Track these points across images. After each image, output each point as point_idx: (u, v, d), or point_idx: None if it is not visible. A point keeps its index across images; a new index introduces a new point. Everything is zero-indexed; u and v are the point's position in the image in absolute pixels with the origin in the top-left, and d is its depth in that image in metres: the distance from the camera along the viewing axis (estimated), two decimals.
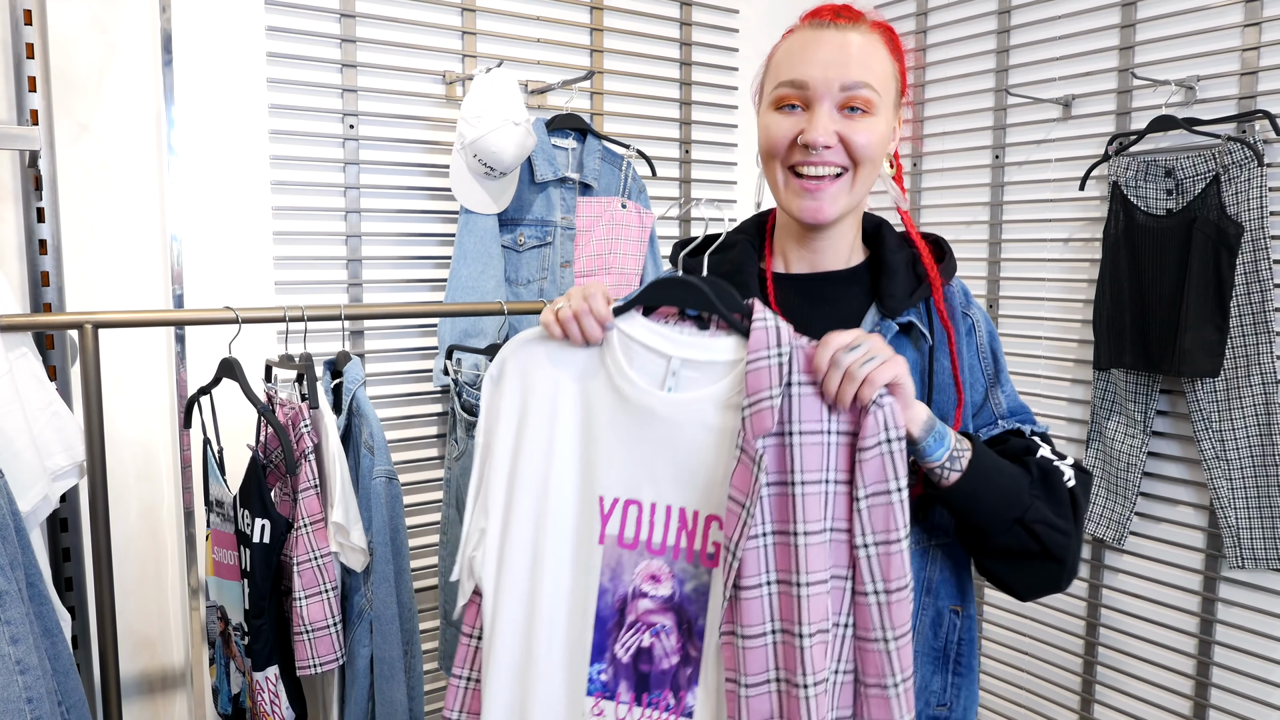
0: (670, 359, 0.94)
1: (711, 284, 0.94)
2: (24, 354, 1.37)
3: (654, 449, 0.93)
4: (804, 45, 0.99)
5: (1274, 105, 2.00)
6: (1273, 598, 2.06)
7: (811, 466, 0.88)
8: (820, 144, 0.96)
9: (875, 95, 0.98)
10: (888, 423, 0.87)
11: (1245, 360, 2.01)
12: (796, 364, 0.89)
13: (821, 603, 0.88)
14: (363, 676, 1.42)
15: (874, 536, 0.88)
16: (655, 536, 0.94)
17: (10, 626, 1.14)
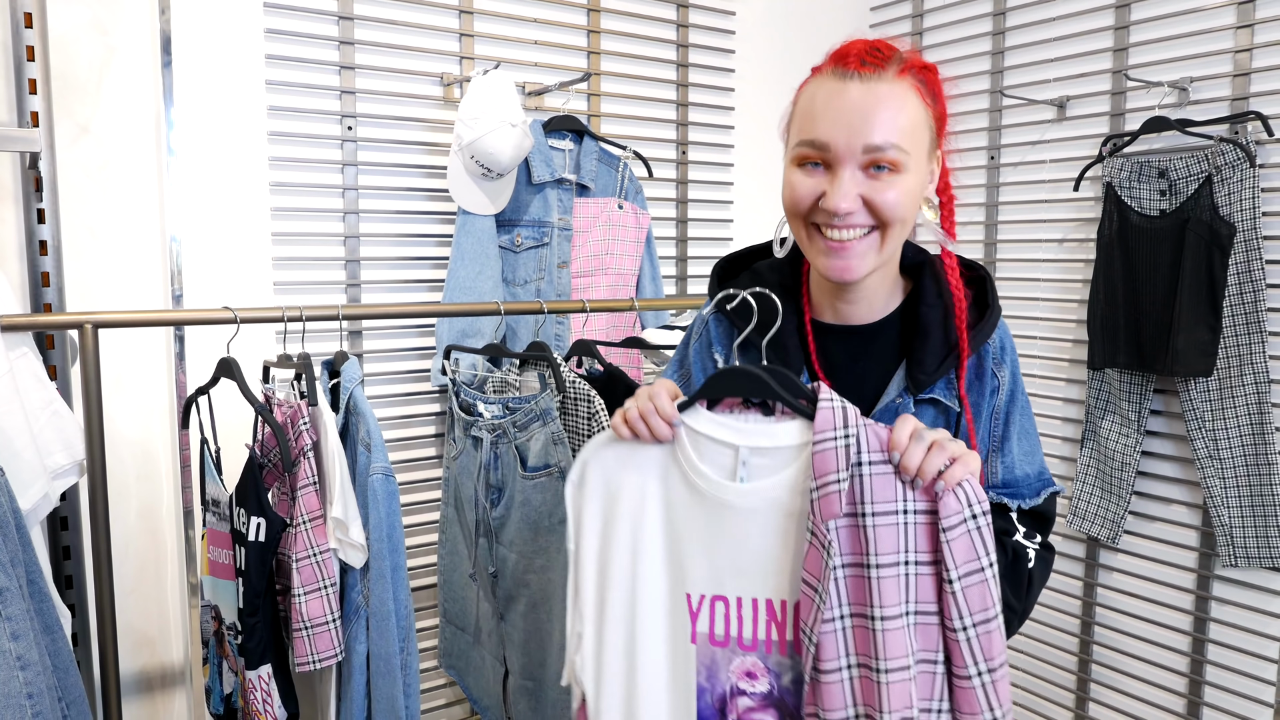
0: (738, 449, 0.93)
1: (772, 371, 0.93)
2: (24, 353, 1.38)
3: (733, 542, 0.93)
4: (827, 100, 0.93)
5: (1266, 106, 2.01)
6: (1265, 595, 2.07)
7: (886, 549, 0.87)
8: (842, 210, 0.93)
9: (903, 154, 0.93)
10: (970, 499, 0.86)
11: (1238, 360, 2.02)
12: (866, 443, 0.88)
13: (903, 690, 0.86)
14: (359, 673, 1.43)
15: (972, 618, 0.86)
16: (745, 632, 0.93)
17: (11, 623, 1.15)
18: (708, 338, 1.12)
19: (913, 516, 0.87)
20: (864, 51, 0.93)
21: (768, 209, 2.68)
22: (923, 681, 0.87)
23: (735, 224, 2.64)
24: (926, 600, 0.87)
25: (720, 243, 2.61)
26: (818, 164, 0.95)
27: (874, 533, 0.87)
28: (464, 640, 1.92)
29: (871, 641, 0.87)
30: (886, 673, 0.86)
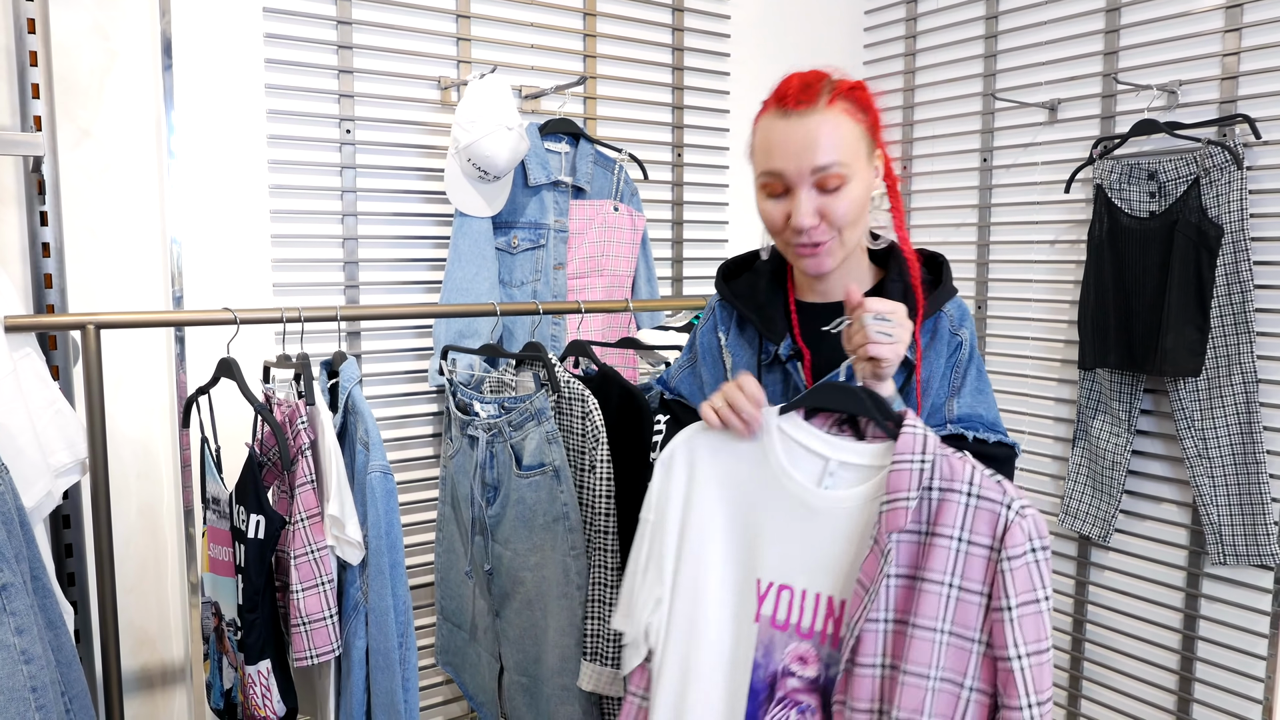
0: (829, 460, 1.03)
1: (868, 393, 1.04)
2: (28, 354, 1.41)
3: (808, 540, 1.02)
4: (773, 137, 1.13)
5: (1254, 109, 2.04)
6: (1254, 593, 2.09)
7: (936, 567, 0.95)
8: (805, 226, 1.11)
9: (844, 168, 1.11)
10: (1033, 533, 0.93)
11: (1226, 360, 2.04)
12: (939, 471, 0.97)
13: (916, 695, 0.93)
14: (358, 667, 1.45)
15: (1027, 647, 0.92)
16: (805, 621, 1.03)
17: (15, 618, 1.17)
18: (713, 321, 1.32)
19: (966, 545, 0.95)
20: (798, 90, 1.12)
21: None
22: (943, 700, 0.94)
23: (730, 225, 2.66)
24: (964, 625, 0.94)
25: (715, 244, 2.63)
26: (780, 192, 1.14)
27: (930, 551, 0.96)
28: (460, 637, 1.94)
29: (904, 646, 0.95)
30: (905, 673, 0.94)
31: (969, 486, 0.96)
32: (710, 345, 1.32)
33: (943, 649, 0.94)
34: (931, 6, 2.70)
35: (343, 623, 1.47)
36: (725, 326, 1.30)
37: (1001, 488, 0.95)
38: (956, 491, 0.96)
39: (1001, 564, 0.92)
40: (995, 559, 0.93)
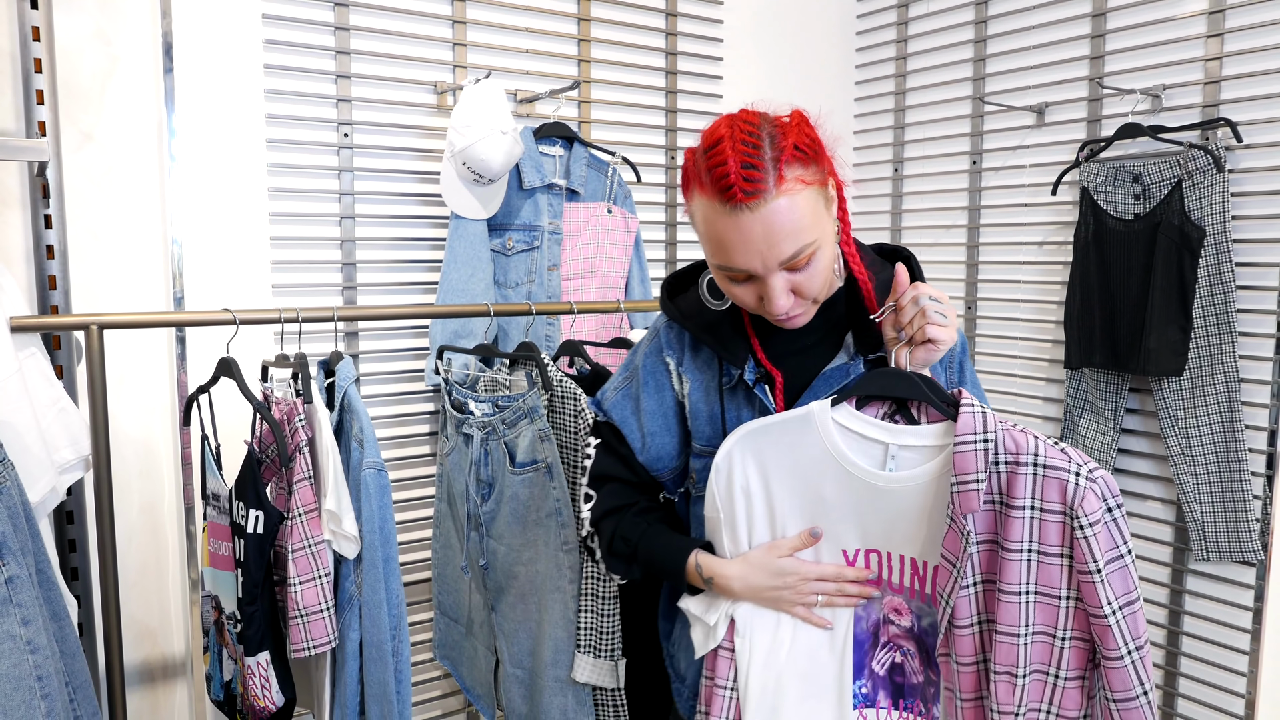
0: (888, 445, 1.06)
1: (921, 378, 1.06)
2: (33, 353, 1.44)
3: (882, 514, 1.08)
4: (727, 235, 1.01)
5: (1235, 114, 2.07)
6: (1237, 589, 2.12)
7: (1014, 535, 1.00)
8: (784, 310, 1.05)
9: (812, 244, 1.02)
10: (1106, 494, 0.98)
11: (1209, 360, 2.08)
12: (1004, 446, 1.01)
13: (1010, 650, 1.01)
14: (352, 659, 1.49)
15: (1119, 601, 0.97)
16: (894, 577, 1.10)
17: (22, 609, 1.21)
18: (659, 343, 1.24)
19: (1039, 513, 1.00)
20: (741, 182, 0.98)
21: None
22: (1039, 650, 1.02)
23: None
24: (1049, 584, 1.00)
25: None
26: (744, 279, 1.06)
27: (1005, 521, 1.01)
28: (457, 631, 1.97)
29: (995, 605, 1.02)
30: (998, 632, 1.02)
31: (1034, 457, 1.00)
32: (654, 369, 1.25)
33: (1030, 608, 1.00)
34: (922, 12, 2.74)
35: (338, 615, 1.50)
36: (674, 350, 1.23)
37: (1066, 455, 0.99)
38: (1023, 464, 1.00)
39: (1082, 530, 0.96)
40: (1069, 523, 0.98)
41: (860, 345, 1.16)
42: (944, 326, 1.05)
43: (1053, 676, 1.02)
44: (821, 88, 2.88)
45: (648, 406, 1.24)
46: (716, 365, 1.20)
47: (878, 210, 2.90)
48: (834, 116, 2.93)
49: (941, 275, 2.73)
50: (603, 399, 1.31)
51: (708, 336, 1.18)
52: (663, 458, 1.26)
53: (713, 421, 1.21)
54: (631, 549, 1.23)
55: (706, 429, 1.22)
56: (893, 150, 2.83)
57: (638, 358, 1.27)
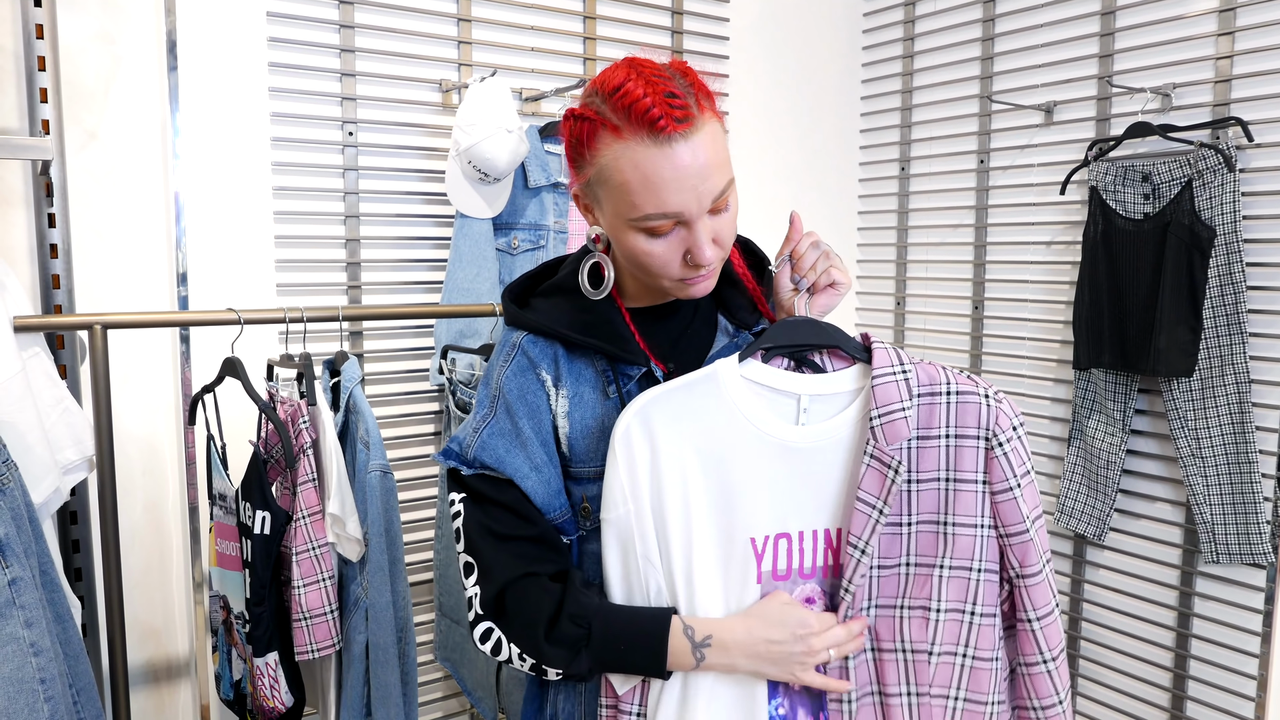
0: (800, 396, 1.01)
1: (831, 325, 1.02)
2: (36, 353, 1.44)
3: (796, 481, 1.00)
4: (658, 171, 0.92)
5: (1246, 113, 2.05)
6: (1246, 591, 2.11)
7: (929, 467, 1.00)
8: (711, 260, 0.97)
9: (731, 176, 0.96)
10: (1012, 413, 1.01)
11: (1219, 360, 2.06)
12: (918, 378, 1.00)
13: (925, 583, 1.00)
14: (358, 662, 1.48)
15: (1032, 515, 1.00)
16: (805, 562, 1.02)
17: (25, 611, 1.20)
18: (524, 361, 1.05)
19: (955, 440, 1.00)
20: (669, 108, 0.90)
21: (758, 210, 2.72)
22: (955, 586, 1.00)
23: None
24: (964, 513, 0.99)
25: None
26: (668, 231, 0.96)
27: (921, 454, 1.00)
28: (459, 633, 1.97)
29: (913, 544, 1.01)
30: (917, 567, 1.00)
31: (947, 386, 1.00)
32: (524, 390, 1.04)
33: (949, 540, 0.99)
34: (929, 10, 2.72)
35: (343, 618, 1.49)
36: (545, 364, 1.05)
37: (973, 381, 1.01)
38: (938, 394, 1.00)
39: (1000, 448, 0.98)
40: (986, 446, 0.99)
41: (734, 320, 1.11)
42: (843, 270, 1.04)
43: (969, 614, 1.00)
44: (827, 86, 2.87)
45: (530, 435, 1.03)
46: (597, 371, 1.06)
47: (884, 210, 2.88)
48: (840, 116, 2.93)
49: (948, 275, 2.71)
50: (463, 448, 1.04)
51: (593, 340, 1.04)
52: (561, 492, 1.05)
53: (607, 436, 1.02)
54: (585, 630, 0.98)
55: (600, 446, 1.04)
56: (899, 149, 2.82)
57: (494, 383, 1.06)
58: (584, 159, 0.97)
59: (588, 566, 1.07)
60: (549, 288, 1.10)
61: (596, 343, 1.04)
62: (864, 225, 2.96)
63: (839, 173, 2.93)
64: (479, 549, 1.01)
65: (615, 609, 1.00)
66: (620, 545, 0.99)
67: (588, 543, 1.07)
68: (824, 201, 2.89)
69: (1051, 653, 1.01)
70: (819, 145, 2.87)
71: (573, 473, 1.06)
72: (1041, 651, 1.01)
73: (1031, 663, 1.01)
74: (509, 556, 1.00)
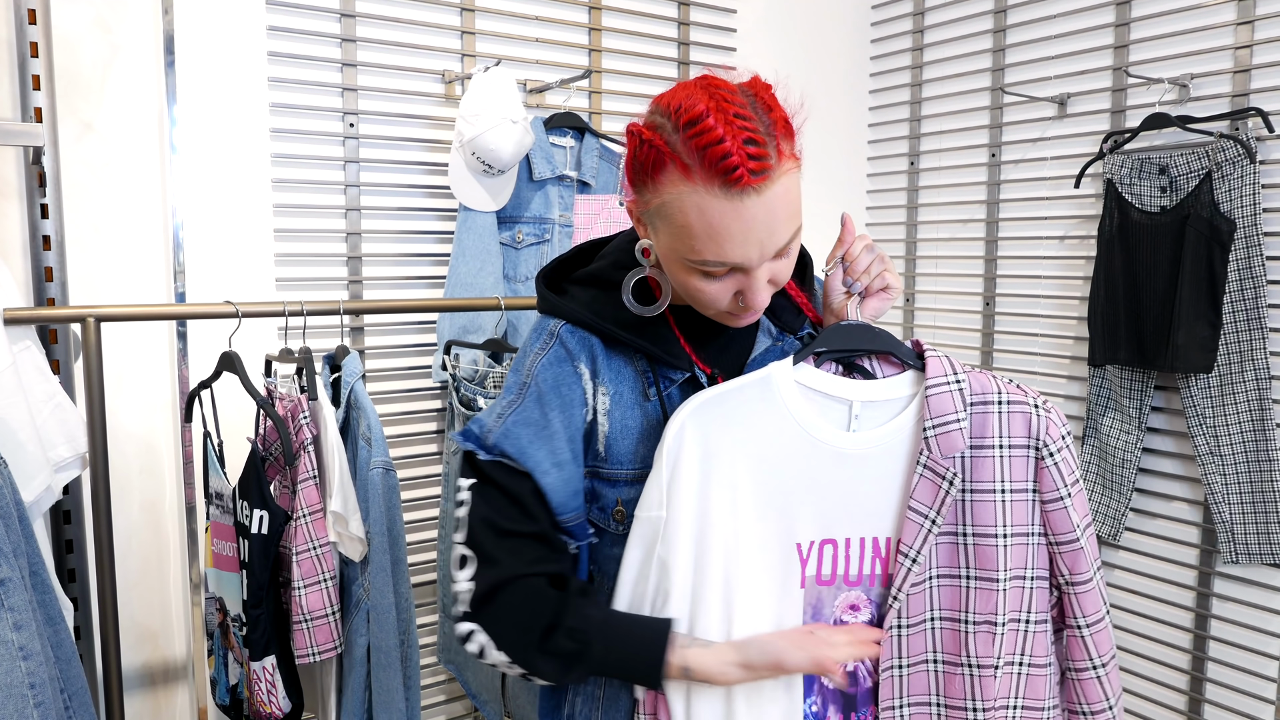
0: (852, 403, 1.00)
1: (881, 330, 1.02)
2: (27, 347, 1.40)
3: (845, 488, 0.99)
4: (728, 223, 0.87)
5: (1266, 103, 2.01)
6: (1266, 592, 2.07)
7: (986, 477, 0.99)
8: (763, 305, 0.94)
9: (801, 222, 0.92)
10: (1061, 421, 1.01)
11: (1239, 356, 2.02)
12: (971, 388, 1.00)
13: (990, 598, 0.99)
14: (360, 665, 1.44)
15: (1083, 523, 1.00)
16: (852, 570, 1.01)
17: (14, 613, 1.16)
18: (561, 351, 1.01)
19: (1008, 450, 0.99)
20: (748, 161, 0.85)
21: None
22: (1013, 596, 0.99)
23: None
24: (1020, 523, 0.99)
25: None
26: (725, 274, 0.92)
27: (977, 464, 0.99)
28: None
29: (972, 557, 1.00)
30: (979, 580, 0.99)
31: (999, 396, 1.00)
32: (559, 381, 0.99)
33: (1007, 551, 0.98)
34: (938, 2, 2.68)
35: (345, 620, 1.45)
36: (583, 356, 1.00)
37: (1022, 390, 1.01)
38: (991, 404, 1.00)
39: (1050, 458, 0.98)
40: (1036, 455, 0.99)
41: (778, 323, 1.09)
42: (895, 274, 1.04)
43: (1024, 622, 1.00)
44: (836, 77, 2.83)
45: (558, 429, 0.98)
46: (637, 371, 1.01)
47: (894, 205, 2.84)
48: (849, 108, 2.89)
49: (960, 270, 2.67)
50: (484, 432, 0.98)
51: (636, 339, 0.99)
52: (579, 493, 1.00)
53: (646, 439, 1.00)
54: (583, 645, 0.94)
55: (639, 448, 1.00)
56: (909, 143, 2.78)
57: (528, 372, 1.00)
58: (646, 185, 0.92)
59: (610, 571, 1.02)
60: (586, 277, 1.04)
61: (640, 342, 0.99)
62: (873, 220, 2.91)
63: (847, 166, 2.89)
64: (479, 541, 0.96)
65: (615, 622, 0.96)
66: (644, 544, 0.98)
67: (615, 546, 1.01)
68: (832, 195, 2.85)
69: (1102, 659, 1.01)
70: (827, 138, 2.83)
71: (606, 474, 1.01)
72: (1092, 658, 1.01)
73: (1082, 668, 1.02)
74: (509, 553, 0.96)
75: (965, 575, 1.00)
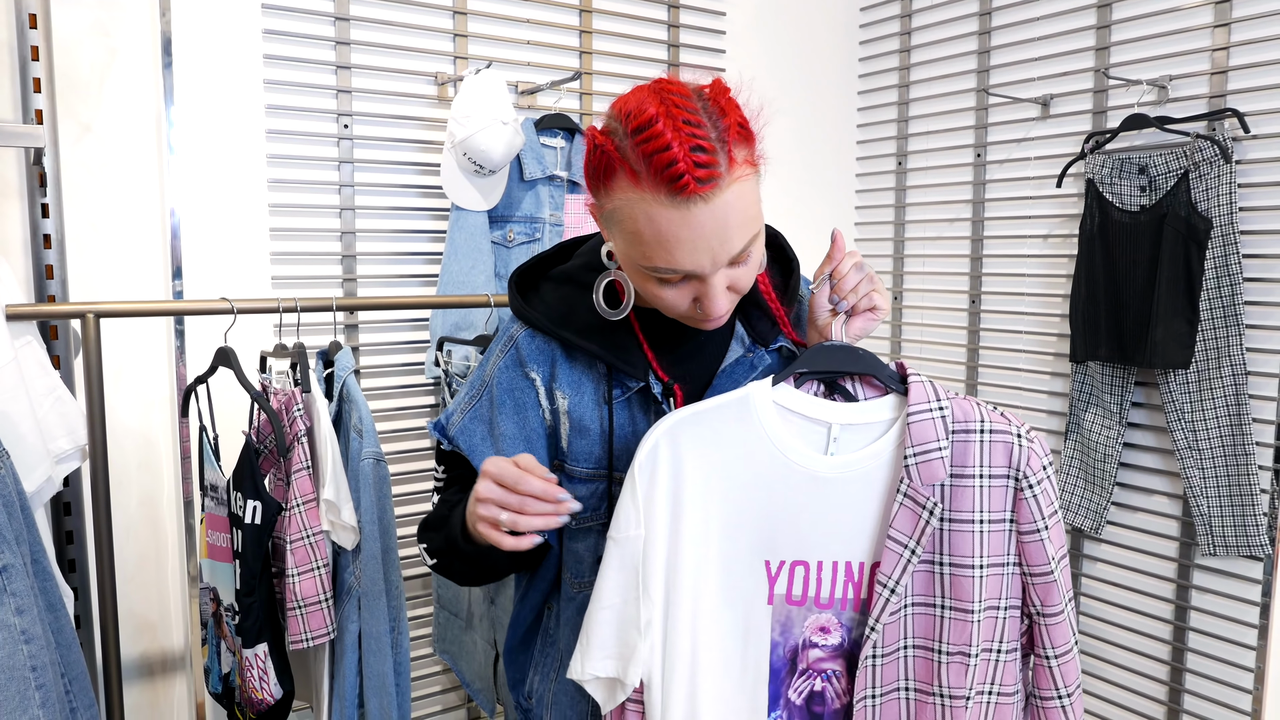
0: (830, 425, 0.98)
1: (865, 352, 1.00)
2: (29, 341, 1.43)
3: (820, 511, 0.98)
4: (672, 231, 0.87)
5: (1243, 104, 2.05)
6: (1244, 584, 2.11)
7: (965, 507, 0.98)
8: (723, 314, 0.94)
9: (759, 229, 0.92)
10: (1043, 453, 0.99)
11: (1216, 352, 2.06)
12: (954, 415, 0.98)
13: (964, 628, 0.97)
14: (351, 650, 1.48)
15: (1057, 555, 0.99)
16: (823, 592, 1.00)
17: (16, 598, 1.20)
18: (515, 355, 1.04)
19: (988, 480, 0.98)
20: (693, 169, 0.84)
21: None
22: (986, 626, 0.98)
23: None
24: (996, 553, 0.98)
25: None
26: (679, 281, 0.93)
27: (956, 493, 0.98)
28: (456, 625, 1.96)
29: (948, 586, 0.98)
30: (954, 611, 0.98)
31: (981, 424, 0.98)
32: (512, 386, 1.03)
33: (982, 582, 0.97)
34: (926, 4, 2.72)
35: (336, 607, 1.49)
36: (541, 361, 1.03)
37: (1006, 419, 0.99)
38: (973, 432, 0.98)
39: (1030, 490, 0.97)
40: (1015, 486, 0.98)
41: (752, 333, 1.07)
42: (884, 294, 1.02)
43: (996, 652, 1.00)
44: (825, 79, 2.86)
45: (506, 431, 1.02)
46: (598, 374, 1.03)
47: (881, 204, 2.88)
48: (837, 109, 2.92)
49: (945, 269, 2.71)
50: (448, 423, 1.06)
51: (594, 345, 1.01)
52: None
53: (603, 439, 1.02)
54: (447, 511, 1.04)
55: (595, 449, 1.03)
56: (896, 143, 2.82)
57: (488, 371, 1.06)
58: (600, 190, 0.93)
59: (569, 565, 1.06)
60: (560, 275, 1.06)
61: (596, 349, 1.01)
62: (861, 220, 2.95)
63: (836, 167, 2.93)
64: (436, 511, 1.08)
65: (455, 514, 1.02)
66: (622, 569, 0.97)
67: (572, 540, 1.06)
68: (820, 195, 2.89)
69: (1068, 689, 1.01)
70: (816, 139, 2.86)
71: (568, 470, 1.05)
72: (1058, 688, 1.01)
73: (1047, 697, 1.01)
74: None
75: (940, 604, 0.99)
